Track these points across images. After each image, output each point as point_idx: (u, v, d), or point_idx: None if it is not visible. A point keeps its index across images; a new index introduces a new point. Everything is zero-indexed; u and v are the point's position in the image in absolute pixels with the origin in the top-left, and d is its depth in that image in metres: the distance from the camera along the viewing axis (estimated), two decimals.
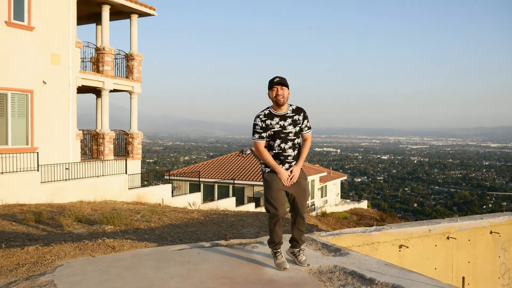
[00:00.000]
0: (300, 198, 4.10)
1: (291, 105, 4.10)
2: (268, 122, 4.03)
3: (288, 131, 4.03)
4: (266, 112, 4.05)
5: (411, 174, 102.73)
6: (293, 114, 4.07)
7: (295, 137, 4.08)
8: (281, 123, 4.02)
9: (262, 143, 4.05)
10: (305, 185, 4.18)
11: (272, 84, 3.97)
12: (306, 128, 4.13)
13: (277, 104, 3.99)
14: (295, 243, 4.27)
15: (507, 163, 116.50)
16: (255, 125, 4.04)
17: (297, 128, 4.06)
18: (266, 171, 4.15)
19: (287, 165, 4.07)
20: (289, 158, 4.08)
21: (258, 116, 4.04)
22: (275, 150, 4.08)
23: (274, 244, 4.16)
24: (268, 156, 4.05)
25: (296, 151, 4.12)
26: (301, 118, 4.09)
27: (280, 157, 4.07)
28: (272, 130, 4.04)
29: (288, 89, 4.00)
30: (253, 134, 4.07)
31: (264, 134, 4.05)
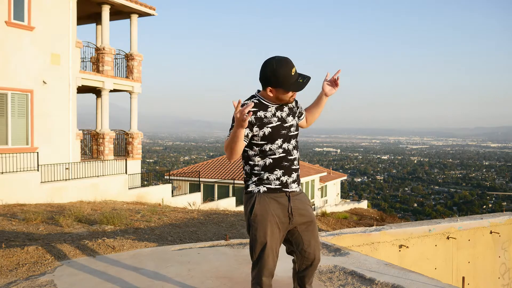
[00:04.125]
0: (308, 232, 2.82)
1: None
2: (260, 114, 2.67)
3: (289, 124, 2.76)
4: (255, 100, 2.71)
5: (411, 174, 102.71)
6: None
7: (297, 132, 2.83)
8: (280, 114, 2.73)
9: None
10: (313, 216, 2.86)
11: (295, 85, 2.63)
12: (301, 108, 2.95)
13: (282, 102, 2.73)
14: None
15: (507, 163, 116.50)
16: (233, 118, 2.53)
17: (296, 120, 2.84)
18: (259, 190, 2.72)
19: (294, 175, 2.77)
20: (295, 163, 2.78)
21: (242, 105, 2.53)
22: (276, 154, 2.70)
23: None
24: (229, 139, 2.55)
25: (298, 153, 2.87)
26: (294, 103, 2.86)
27: (284, 163, 2.72)
28: (269, 125, 2.67)
29: None
30: (230, 129, 2.61)
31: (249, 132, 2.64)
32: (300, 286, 2.95)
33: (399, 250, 5.99)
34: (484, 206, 68.69)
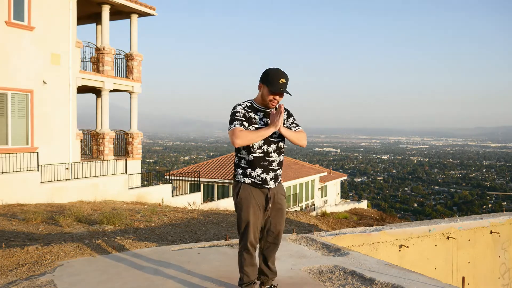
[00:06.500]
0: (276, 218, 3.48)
1: None
2: (250, 115, 3.30)
3: None
4: (248, 103, 3.33)
5: (411, 174, 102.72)
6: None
7: (279, 140, 3.36)
8: (266, 120, 3.31)
9: (241, 128, 3.23)
10: (283, 204, 3.50)
11: (276, 88, 3.19)
12: (295, 125, 3.43)
13: (267, 107, 3.33)
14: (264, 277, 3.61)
15: (507, 163, 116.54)
16: (235, 113, 3.25)
17: None
18: (244, 181, 3.34)
19: (272, 174, 3.32)
20: (273, 164, 3.33)
21: (239, 104, 3.30)
22: (256, 153, 3.28)
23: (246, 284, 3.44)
24: (253, 132, 3.20)
25: (281, 157, 3.40)
26: (285, 116, 3.44)
27: (262, 163, 3.29)
28: (255, 126, 3.27)
29: None
30: (231, 122, 3.22)
31: (246, 124, 3.26)
32: (264, 263, 3.54)
33: (399, 250, 5.99)
34: (484, 206, 68.70)
